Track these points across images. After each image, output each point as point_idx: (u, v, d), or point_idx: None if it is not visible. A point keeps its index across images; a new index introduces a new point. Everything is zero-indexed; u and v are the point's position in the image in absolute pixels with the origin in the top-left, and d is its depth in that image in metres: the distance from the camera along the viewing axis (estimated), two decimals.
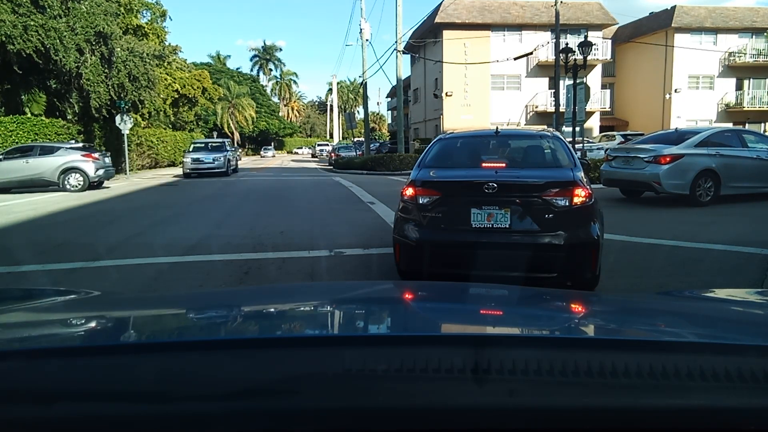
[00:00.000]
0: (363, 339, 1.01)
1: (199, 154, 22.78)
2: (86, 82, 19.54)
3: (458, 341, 0.95)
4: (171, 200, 13.25)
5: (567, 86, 20.10)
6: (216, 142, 26.00)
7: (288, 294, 1.76)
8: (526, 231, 4.14)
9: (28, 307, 1.50)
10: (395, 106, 33.18)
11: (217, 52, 77.38)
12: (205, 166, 22.22)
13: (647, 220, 8.97)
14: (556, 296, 1.69)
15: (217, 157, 22.55)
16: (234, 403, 0.74)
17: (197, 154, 22.81)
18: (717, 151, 10.04)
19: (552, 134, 5.31)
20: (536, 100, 35.96)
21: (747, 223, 8.49)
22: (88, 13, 19.20)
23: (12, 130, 17.39)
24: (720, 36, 36.59)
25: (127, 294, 3.32)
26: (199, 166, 22.20)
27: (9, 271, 5.66)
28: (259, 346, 0.92)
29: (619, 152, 11.13)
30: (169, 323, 1.34)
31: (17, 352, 0.92)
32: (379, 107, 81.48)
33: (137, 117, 29.52)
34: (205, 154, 22.74)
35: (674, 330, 1.22)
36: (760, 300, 1.81)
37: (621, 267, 5.41)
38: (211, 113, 62.47)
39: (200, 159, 22.34)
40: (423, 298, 1.62)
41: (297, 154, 69.52)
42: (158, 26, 35.26)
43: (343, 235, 7.77)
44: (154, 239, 7.70)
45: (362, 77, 30.40)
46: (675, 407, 0.75)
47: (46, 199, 13.58)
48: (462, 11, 34.45)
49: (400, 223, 4.58)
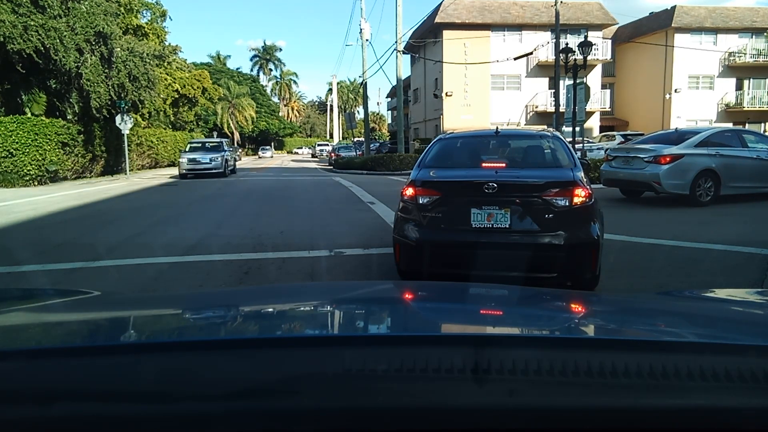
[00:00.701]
0: (363, 339, 1.01)
1: (195, 154, 22.05)
2: (86, 82, 19.52)
3: (458, 341, 0.95)
4: (171, 200, 13.25)
5: (567, 86, 20.10)
6: (213, 141, 25.11)
7: (288, 294, 1.76)
8: (526, 231, 4.14)
9: (28, 307, 1.50)
10: (395, 106, 33.18)
11: (217, 52, 77.48)
12: (202, 166, 21.49)
13: (647, 220, 8.97)
14: (556, 296, 1.69)
15: (214, 158, 21.83)
16: (234, 403, 0.74)
17: (194, 154, 22.09)
18: (717, 151, 10.05)
19: (552, 134, 5.31)
20: (536, 100, 35.96)
21: (747, 223, 8.49)
22: (88, 13, 19.18)
23: (12, 130, 17.33)
24: (720, 36, 36.60)
25: (127, 294, 3.32)
26: (196, 167, 21.45)
27: (9, 271, 5.65)
28: (259, 346, 0.92)
29: (619, 152, 11.13)
30: (169, 323, 1.34)
31: (17, 352, 0.92)
32: (379, 107, 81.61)
33: (137, 117, 29.52)
34: (202, 154, 22.01)
35: (674, 330, 1.22)
36: (760, 300, 1.81)
37: (621, 267, 5.42)
38: (211, 113, 62.46)
39: (197, 159, 21.62)
40: (423, 298, 1.62)
41: (297, 154, 69.54)
42: (158, 26, 35.27)
43: (343, 235, 7.77)
44: (154, 239, 7.70)
45: (362, 77, 30.40)
46: (675, 407, 0.75)
47: (46, 199, 13.57)
48: (462, 11, 34.45)
49: (400, 223, 4.58)
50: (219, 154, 22.22)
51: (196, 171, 21.37)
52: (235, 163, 25.82)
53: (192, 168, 21.41)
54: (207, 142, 25.14)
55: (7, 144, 17.36)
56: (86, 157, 21.45)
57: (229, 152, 23.79)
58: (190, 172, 21.36)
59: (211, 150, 22.67)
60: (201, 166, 21.49)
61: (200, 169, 21.41)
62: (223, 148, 23.05)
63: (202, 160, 21.61)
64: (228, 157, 23.00)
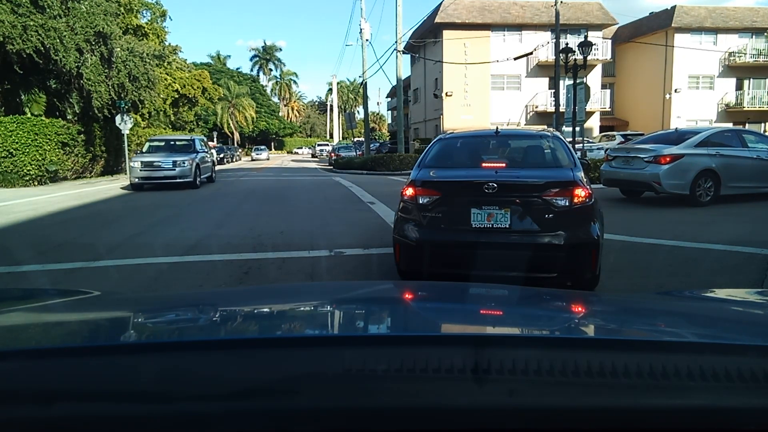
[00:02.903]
0: (363, 339, 1.01)
1: (155, 156, 16.59)
2: (86, 82, 19.52)
3: (458, 341, 0.95)
4: (171, 200, 13.24)
5: (567, 86, 20.09)
6: (183, 139, 19.16)
7: (288, 294, 1.76)
8: (526, 231, 4.14)
9: (28, 307, 1.50)
10: (395, 106, 33.17)
11: (217, 52, 77.52)
12: (162, 174, 16.00)
13: (647, 220, 8.97)
14: (556, 296, 1.69)
15: (181, 162, 16.22)
16: (234, 403, 0.74)
17: (153, 156, 16.63)
18: (717, 151, 10.05)
19: (552, 134, 5.31)
20: (536, 100, 35.96)
21: (747, 223, 8.49)
22: (88, 13, 19.17)
23: (12, 130, 17.34)
24: (720, 36, 36.59)
25: (127, 294, 3.32)
26: (154, 174, 15.96)
27: (9, 271, 5.65)
28: (259, 346, 0.92)
29: (619, 152, 11.14)
30: (169, 323, 1.34)
31: (17, 352, 0.92)
32: (379, 107, 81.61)
33: (137, 117, 29.52)
34: (163, 157, 16.48)
35: (674, 330, 1.22)
36: (760, 300, 1.81)
37: (621, 267, 5.41)
38: (211, 113, 62.50)
39: (156, 164, 16.15)
40: (423, 298, 1.62)
41: (297, 154, 69.54)
42: (158, 26, 35.28)
43: (343, 235, 7.77)
44: (154, 239, 7.70)
45: (362, 77, 30.40)
46: (675, 407, 0.75)
47: (46, 199, 13.57)
48: (462, 11, 34.45)
49: (400, 223, 4.58)
50: (188, 156, 16.63)
51: (155, 180, 15.97)
52: (214, 167, 20.27)
53: (149, 175, 16.01)
54: (175, 140, 19.28)
55: (7, 144, 17.36)
56: (86, 157, 21.45)
57: (205, 154, 18.66)
58: (146, 181, 16.01)
59: (178, 151, 17.27)
60: (160, 174, 16.02)
61: (159, 177, 15.98)
62: (195, 149, 17.64)
63: (164, 164, 16.15)
64: (202, 160, 17.63)
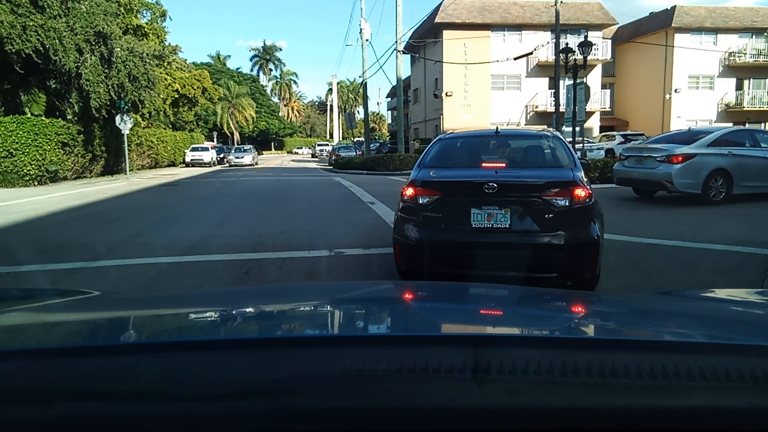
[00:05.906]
0: (363, 339, 1.01)
1: None
2: (86, 82, 19.51)
3: (458, 341, 0.95)
4: (171, 200, 13.24)
5: (567, 86, 20.09)
6: None
7: (288, 294, 1.76)
8: (526, 231, 4.14)
9: (28, 307, 1.50)
10: (395, 106, 33.16)
11: (217, 52, 77.59)
12: None
13: (648, 219, 8.97)
14: (556, 296, 1.69)
15: None
16: (234, 403, 0.74)
17: None
18: (729, 151, 10.06)
19: (552, 134, 5.31)
20: (536, 100, 35.95)
21: (753, 223, 8.48)
22: (88, 13, 19.16)
23: (12, 130, 17.33)
24: (720, 36, 36.58)
25: (127, 294, 3.32)
26: None
27: (9, 271, 5.65)
28: (259, 346, 0.92)
29: (632, 152, 11.22)
30: (169, 323, 1.34)
31: (17, 352, 0.92)
32: (379, 107, 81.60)
33: (137, 117, 29.51)
34: None
35: (674, 330, 1.22)
36: (760, 300, 1.81)
37: (621, 267, 5.42)
38: (211, 113, 62.47)
39: None
40: (423, 298, 1.62)
41: (297, 154, 69.58)
42: (158, 26, 35.26)
43: (343, 235, 7.77)
44: (154, 239, 7.70)
45: (362, 77, 30.40)
46: (675, 407, 0.75)
47: (46, 199, 13.56)
48: (462, 11, 34.44)
49: (400, 223, 4.58)
50: None
51: None
52: None
53: None
54: None
55: (7, 144, 17.36)
56: (86, 157, 21.45)
57: None
58: None
59: None
60: None
61: None
62: None
63: None
64: None
